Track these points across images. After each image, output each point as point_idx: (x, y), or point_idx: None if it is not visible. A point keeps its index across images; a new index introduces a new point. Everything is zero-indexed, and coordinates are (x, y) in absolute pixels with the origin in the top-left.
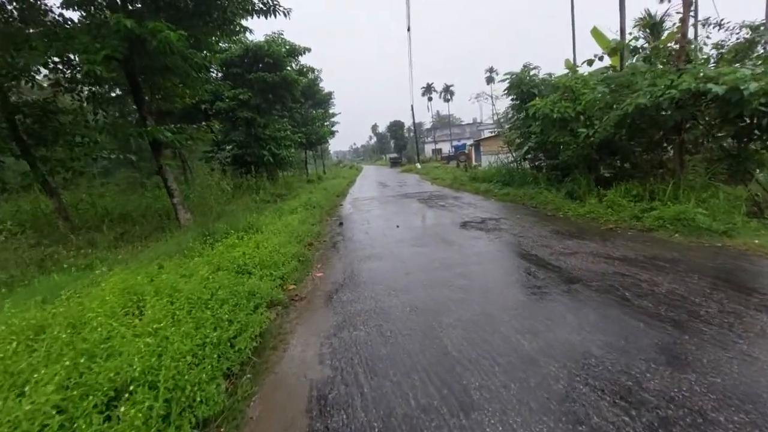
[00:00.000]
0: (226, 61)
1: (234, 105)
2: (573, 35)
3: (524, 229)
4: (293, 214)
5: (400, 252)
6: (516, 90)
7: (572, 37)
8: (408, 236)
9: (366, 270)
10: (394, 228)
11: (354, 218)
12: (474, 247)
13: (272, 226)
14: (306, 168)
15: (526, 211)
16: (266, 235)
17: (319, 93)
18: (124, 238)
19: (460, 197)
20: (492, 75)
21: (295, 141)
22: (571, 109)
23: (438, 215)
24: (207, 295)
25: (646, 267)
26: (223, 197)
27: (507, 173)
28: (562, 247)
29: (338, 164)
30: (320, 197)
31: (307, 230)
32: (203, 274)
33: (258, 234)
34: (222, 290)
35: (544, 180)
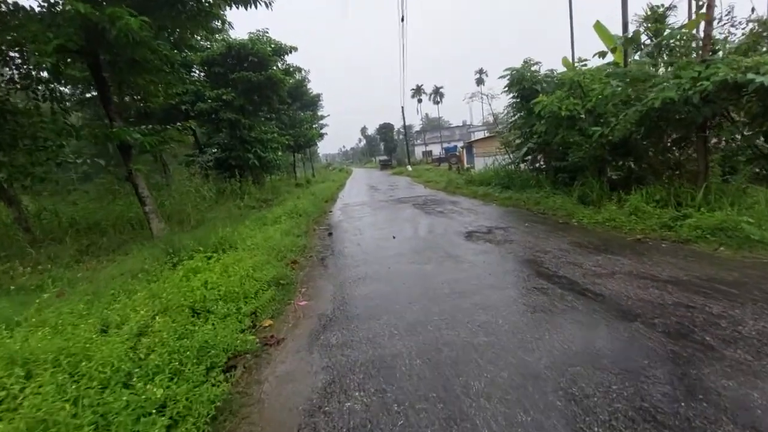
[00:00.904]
0: (207, 60)
1: (217, 106)
2: (571, 31)
3: (539, 241)
4: (277, 224)
5: (399, 270)
6: (517, 87)
7: (570, 34)
8: (407, 249)
9: (360, 297)
10: (389, 239)
11: (344, 227)
12: (486, 264)
13: (251, 240)
14: (294, 171)
15: (535, 218)
16: (241, 253)
17: (307, 94)
18: (90, 251)
19: (458, 202)
20: (482, 77)
21: (282, 143)
22: (579, 106)
23: (437, 223)
24: (128, 365)
25: (709, 295)
26: (203, 204)
27: (506, 176)
28: (593, 265)
29: (327, 167)
30: (308, 203)
31: (291, 244)
32: (138, 321)
33: (232, 252)
34: (159, 350)
35: (548, 183)
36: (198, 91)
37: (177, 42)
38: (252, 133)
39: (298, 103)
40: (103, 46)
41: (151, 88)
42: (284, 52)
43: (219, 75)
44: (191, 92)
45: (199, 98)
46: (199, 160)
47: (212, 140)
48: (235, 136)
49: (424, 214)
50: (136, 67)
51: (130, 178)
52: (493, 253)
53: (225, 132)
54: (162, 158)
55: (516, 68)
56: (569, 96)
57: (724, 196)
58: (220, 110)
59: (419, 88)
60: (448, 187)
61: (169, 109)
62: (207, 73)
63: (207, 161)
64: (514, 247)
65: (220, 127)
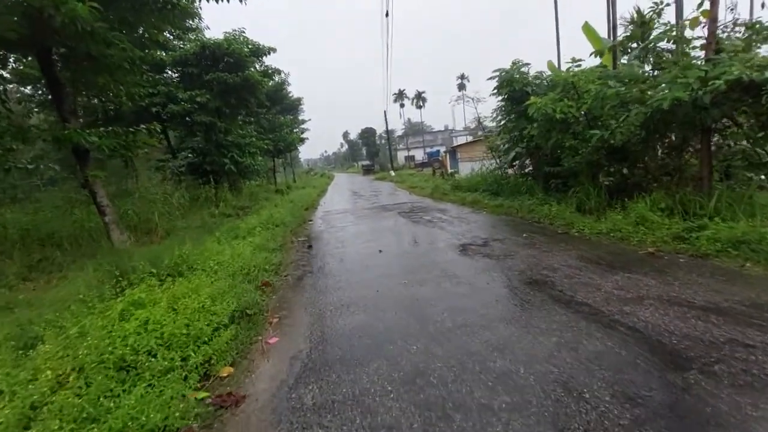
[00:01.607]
0: (180, 60)
1: (190, 108)
2: (557, 34)
3: (543, 255)
4: (251, 236)
5: (389, 295)
6: (506, 89)
7: (556, 37)
8: (396, 267)
9: (343, 331)
10: (375, 253)
11: (325, 238)
12: (491, 287)
13: (217, 258)
14: (274, 177)
15: (531, 228)
16: (200, 278)
17: (287, 98)
18: (41, 267)
19: (446, 209)
20: (463, 82)
21: (261, 148)
22: (574, 108)
23: (427, 234)
24: None
25: (764, 327)
26: (175, 212)
27: (495, 182)
28: (613, 286)
29: (309, 172)
30: (286, 212)
31: (263, 261)
32: (30, 395)
33: (191, 275)
34: None
35: (540, 189)
36: (170, 92)
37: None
38: (228, 137)
39: (278, 106)
40: (52, 38)
41: (111, 88)
42: (262, 53)
43: (193, 76)
44: (162, 93)
45: (172, 100)
46: (170, 165)
47: (185, 144)
48: (211, 140)
49: (411, 224)
50: (92, 63)
51: (87, 185)
52: (495, 270)
53: (200, 136)
54: (132, 164)
55: (505, 69)
56: (562, 98)
57: (734, 204)
58: (193, 113)
59: (401, 93)
60: (434, 194)
61: (138, 111)
62: (180, 74)
63: (179, 166)
64: (518, 264)
65: (195, 130)
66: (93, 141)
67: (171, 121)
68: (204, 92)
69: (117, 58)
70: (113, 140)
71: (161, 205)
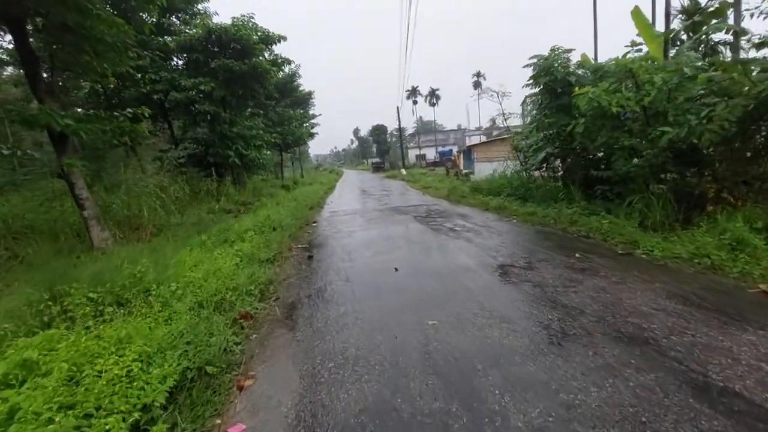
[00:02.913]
0: (184, 45)
1: (193, 96)
2: (594, 24)
3: (617, 289)
4: (241, 241)
5: (414, 346)
6: (545, 78)
7: (593, 27)
8: (418, 294)
9: (347, 418)
10: (390, 271)
11: (330, 246)
12: (564, 348)
13: (188, 276)
14: (282, 171)
15: (582, 245)
16: (152, 310)
17: (298, 91)
18: (9, 266)
19: (468, 215)
20: (479, 80)
21: (267, 141)
22: (633, 101)
23: (452, 248)
24: None
25: None
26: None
27: (521, 185)
28: (754, 355)
29: (317, 168)
30: (287, 212)
31: (248, 279)
32: None
33: (143, 304)
34: None
35: (579, 196)
36: (173, 79)
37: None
38: (234, 128)
39: (288, 99)
40: (20, 3)
41: (94, 66)
42: (272, 41)
43: (198, 63)
44: (165, 80)
45: (175, 87)
46: (168, 156)
47: (187, 134)
48: (215, 130)
49: (430, 232)
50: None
51: (63, 175)
52: (558, 312)
53: (203, 126)
54: (135, 153)
55: (544, 55)
56: (618, 89)
57: None
58: (197, 102)
59: (415, 90)
60: (450, 196)
61: (140, 98)
62: (186, 60)
63: (178, 157)
64: (586, 302)
65: (198, 120)
66: (66, 124)
67: (174, 110)
68: (209, 80)
69: (96, 30)
70: (94, 125)
71: (154, 198)
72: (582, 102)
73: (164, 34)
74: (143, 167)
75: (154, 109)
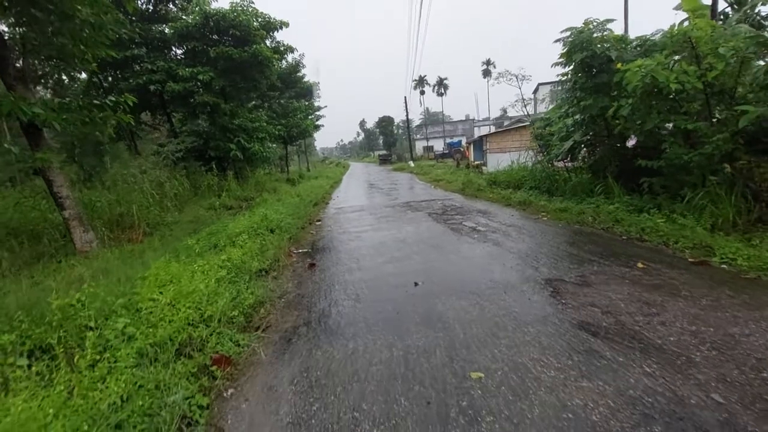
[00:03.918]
0: (181, 32)
1: (191, 87)
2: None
3: (718, 319)
4: (232, 247)
5: (462, 424)
6: (581, 54)
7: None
8: (452, 325)
9: None
10: (408, 287)
11: (335, 252)
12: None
13: (150, 302)
14: (287, 165)
15: (641, 251)
16: (88, 356)
17: (302, 82)
18: None
19: (489, 212)
20: (489, 68)
21: (271, 133)
22: (693, 76)
23: (479, 254)
24: None
25: None
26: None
27: (547, 177)
28: None
29: (323, 161)
30: (288, 210)
31: (228, 304)
32: None
33: (76, 349)
34: None
35: (620, 190)
36: (170, 69)
37: None
38: (235, 120)
39: (292, 91)
40: None
41: (71, 49)
42: (273, 27)
43: (196, 51)
44: (162, 70)
45: (172, 78)
46: (164, 150)
47: (185, 127)
48: (215, 123)
49: (450, 233)
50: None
51: (41, 172)
52: (656, 358)
53: (203, 118)
54: (135, 147)
55: (578, 28)
56: (679, 63)
57: None
58: (196, 92)
59: (422, 79)
60: (466, 189)
61: (136, 89)
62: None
63: (175, 151)
64: (688, 343)
65: (198, 112)
66: (35, 113)
67: (173, 102)
68: (207, 69)
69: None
70: (71, 114)
71: (147, 195)
72: (633, 78)
73: (162, 22)
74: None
75: (153, 101)
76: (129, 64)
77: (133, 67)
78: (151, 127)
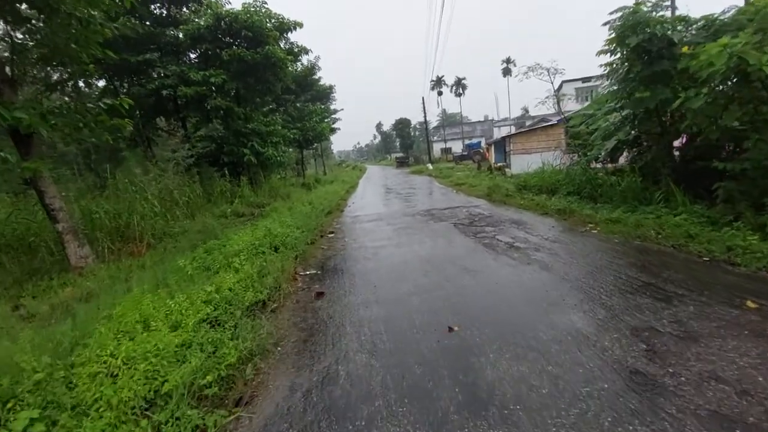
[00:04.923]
0: (193, 35)
1: (204, 91)
2: None
3: None
4: (225, 271)
5: None
6: (636, 38)
7: None
8: (509, 406)
9: None
10: (441, 332)
11: (348, 275)
12: None
13: (92, 377)
14: (303, 169)
15: (734, 279)
16: None
17: (317, 84)
18: None
19: (526, 223)
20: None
21: (285, 137)
22: None
23: (527, 283)
24: None
25: None
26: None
27: (587, 181)
28: None
29: (340, 164)
30: (297, 221)
31: (201, 365)
32: None
33: None
34: None
35: (684, 197)
36: (182, 73)
37: None
38: (249, 124)
39: (308, 94)
40: None
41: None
42: (287, 28)
43: (208, 54)
44: (175, 75)
45: (185, 82)
46: (175, 156)
47: (199, 132)
48: (229, 127)
49: (483, 250)
50: None
51: (32, 181)
52: None
53: (215, 122)
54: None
55: (630, 7)
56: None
57: None
58: (209, 96)
59: (440, 80)
60: (492, 195)
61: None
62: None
63: (186, 157)
64: None
65: (211, 116)
66: (16, 118)
67: (186, 107)
68: (219, 72)
69: None
70: (61, 119)
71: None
72: (718, 60)
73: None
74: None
75: (169, 106)
76: (144, 69)
77: (149, 72)
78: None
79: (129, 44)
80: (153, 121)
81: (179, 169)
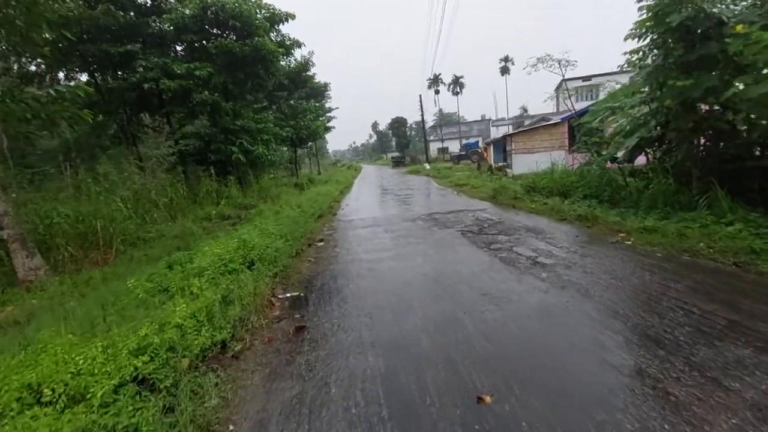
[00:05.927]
0: (177, 25)
1: (189, 85)
2: None
3: None
4: (182, 297)
5: None
6: (678, 16)
7: None
8: None
9: None
10: (467, 399)
11: (339, 299)
12: None
13: None
14: (296, 168)
15: None
16: None
17: (311, 81)
18: None
19: (543, 231)
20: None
21: (276, 134)
22: None
23: (560, 316)
24: None
25: None
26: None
27: (606, 183)
28: None
29: (335, 164)
30: (281, 228)
31: None
32: None
33: None
34: None
35: (730, 203)
36: (165, 65)
37: None
38: (238, 120)
39: (301, 91)
40: None
41: (6, 27)
42: (279, 19)
43: (193, 46)
44: (157, 67)
45: (168, 74)
46: (155, 153)
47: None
48: (216, 123)
49: (502, 267)
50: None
51: None
52: None
53: (203, 119)
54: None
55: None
56: None
57: None
58: (193, 90)
59: (437, 78)
60: (498, 197)
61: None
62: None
63: (168, 154)
64: None
65: (197, 112)
66: None
67: (171, 102)
68: (205, 65)
69: None
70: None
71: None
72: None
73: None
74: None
75: (153, 101)
76: (126, 62)
77: (132, 65)
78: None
79: (111, 35)
80: (138, 118)
81: (161, 167)
